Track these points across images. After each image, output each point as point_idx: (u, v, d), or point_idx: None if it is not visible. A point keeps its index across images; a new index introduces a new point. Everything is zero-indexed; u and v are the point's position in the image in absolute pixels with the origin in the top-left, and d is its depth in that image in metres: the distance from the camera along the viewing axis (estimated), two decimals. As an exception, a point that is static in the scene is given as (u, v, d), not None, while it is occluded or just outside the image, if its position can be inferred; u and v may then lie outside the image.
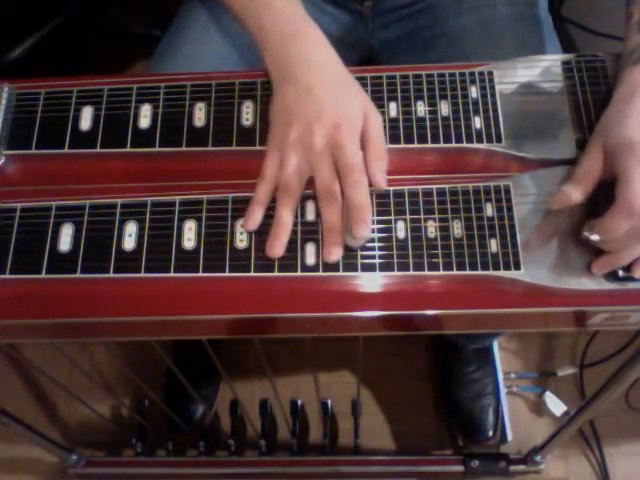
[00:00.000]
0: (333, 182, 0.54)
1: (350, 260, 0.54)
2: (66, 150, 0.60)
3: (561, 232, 0.54)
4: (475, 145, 0.58)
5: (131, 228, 0.56)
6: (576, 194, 0.52)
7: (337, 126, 0.54)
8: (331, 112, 0.54)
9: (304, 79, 0.55)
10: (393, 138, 0.58)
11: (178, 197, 0.56)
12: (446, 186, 0.56)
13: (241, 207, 0.55)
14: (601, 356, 1.19)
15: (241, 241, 0.55)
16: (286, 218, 0.54)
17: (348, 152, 0.53)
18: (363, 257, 0.54)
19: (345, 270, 0.53)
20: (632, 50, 0.55)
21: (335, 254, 0.53)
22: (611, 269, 0.52)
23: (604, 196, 0.53)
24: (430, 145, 0.58)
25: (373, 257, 0.54)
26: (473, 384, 1.14)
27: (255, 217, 0.54)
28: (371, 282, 0.54)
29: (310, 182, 0.55)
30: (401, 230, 0.54)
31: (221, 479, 1.09)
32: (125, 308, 0.55)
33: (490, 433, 1.10)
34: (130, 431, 1.10)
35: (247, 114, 0.60)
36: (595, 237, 0.51)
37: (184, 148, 0.59)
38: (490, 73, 0.60)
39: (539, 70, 0.61)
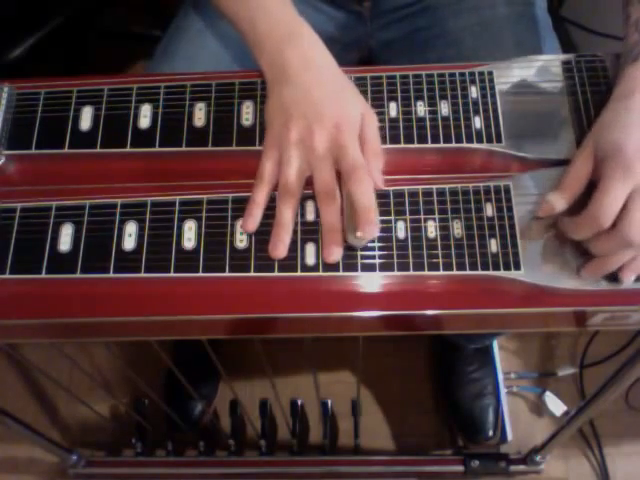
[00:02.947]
0: (333, 183, 0.54)
1: (350, 260, 0.54)
2: (66, 150, 0.60)
3: (561, 232, 0.54)
4: (475, 145, 0.58)
5: (131, 228, 0.56)
6: (560, 204, 0.52)
7: (338, 127, 0.54)
8: (331, 113, 0.54)
9: (301, 80, 0.55)
10: (393, 138, 0.58)
11: (178, 197, 0.56)
12: (446, 186, 0.56)
13: (241, 207, 0.55)
14: (601, 356, 1.19)
15: (241, 241, 0.55)
16: (288, 218, 0.54)
17: (351, 153, 0.54)
18: (363, 257, 0.54)
19: (345, 270, 0.53)
20: (631, 48, 0.55)
21: (335, 254, 0.53)
22: (601, 274, 0.52)
23: None
24: (430, 145, 0.58)
25: (373, 257, 0.54)
26: (473, 384, 1.14)
27: (254, 218, 0.54)
28: (371, 282, 0.54)
29: (309, 182, 0.55)
30: (401, 230, 0.54)
31: (221, 479, 1.09)
32: (125, 308, 0.55)
33: (490, 433, 1.10)
34: (130, 431, 1.10)
35: (247, 114, 0.60)
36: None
37: (184, 148, 0.59)
38: (490, 73, 0.60)
39: (539, 70, 0.61)
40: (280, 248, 0.53)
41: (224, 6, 0.61)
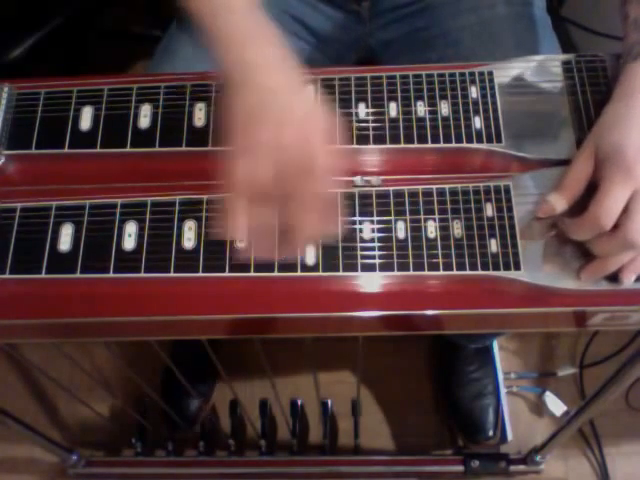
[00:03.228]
0: (297, 182, 0.53)
1: (350, 260, 0.54)
2: (66, 150, 0.60)
3: (561, 232, 0.54)
4: (475, 145, 0.58)
5: (131, 228, 0.56)
6: (560, 204, 0.53)
7: (304, 128, 0.53)
8: (298, 114, 0.54)
9: (266, 82, 0.54)
10: (393, 138, 0.58)
11: (178, 197, 0.56)
12: (446, 186, 0.56)
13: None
14: (601, 356, 1.19)
15: (241, 241, 0.55)
16: (266, 220, 0.53)
17: (317, 153, 0.53)
18: (363, 257, 0.54)
19: (345, 270, 0.53)
20: (631, 47, 0.55)
21: (294, 253, 0.53)
22: (600, 275, 0.52)
23: None
24: (430, 145, 0.58)
25: (373, 257, 0.54)
26: (473, 384, 1.14)
27: (238, 227, 0.53)
28: (371, 282, 0.54)
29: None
30: (401, 230, 0.54)
31: (221, 479, 1.09)
32: (125, 308, 0.55)
33: (490, 433, 1.10)
34: (130, 431, 1.10)
35: (247, 114, 0.59)
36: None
37: (184, 148, 0.59)
38: (490, 73, 0.60)
39: (539, 70, 0.61)
40: (270, 254, 0.53)
41: (186, 1, 0.60)
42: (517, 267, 0.53)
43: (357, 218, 0.55)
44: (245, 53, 0.55)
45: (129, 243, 0.55)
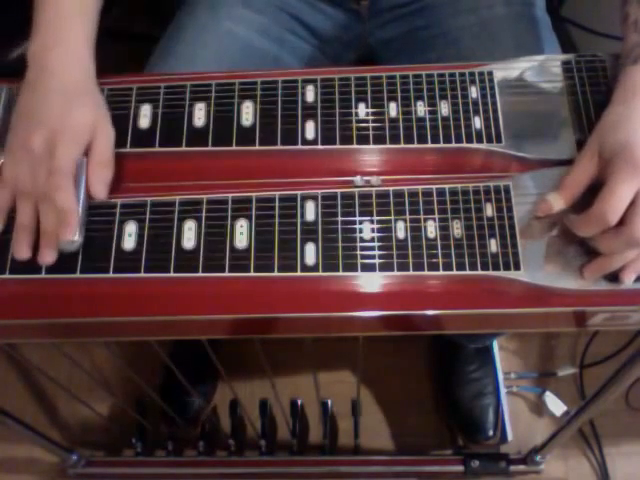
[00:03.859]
0: (44, 185, 0.54)
1: (350, 260, 0.54)
2: (66, 150, 0.60)
3: (561, 232, 0.54)
4: (475, 145, 0.58)
5: (131, 228, 0.56)
6: (559, 203, 0.53)
7: (57, 132, 0.54)
8: (55, 119, 0.54)
9: (55, 88, 0.56)
10: (393, 138, 0.58)
11: (178, 197, 0.56)
12: (446, 186, 0.56)
13: (241, 207, 0.55)
14: (601, 356, 1.19)
15: (241, 241, 0.55)
16: (26, 219, 0.54)
17: (58, 156, 0.54)
18: (363, 257, 0.54)
19: (345, 270, 0.53)
20: (631, 49, 0.55)
21: (49, 257, 0.54)
22: (603, 273, 0.52)
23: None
24: (430, 145, 0.58)
25: (373, 257, 0.54)
26: (473, 384, 1.14)
27: None
28: (371, 282, 0.54)
29: (310, 184, 0.56)
30: (401, 230, 0.54)
31: (221, 479, 1.09)
32: (125, 308, 0.55)
33: (490, 432, 1.10)
34: (130, 431, 1.10)
35: (247, 114, 0.60)
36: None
37: (184, 148, 0.59)
38: (490, 73, 0.60)
39: (539, 70, 0.61)
40: (23, 250, 0.54)
41: None
42: (517, 267, 0.53)
43: (357, 218, 0.55)
44: (48, 53, 0.56)
45: (129, 243, 0.55)
